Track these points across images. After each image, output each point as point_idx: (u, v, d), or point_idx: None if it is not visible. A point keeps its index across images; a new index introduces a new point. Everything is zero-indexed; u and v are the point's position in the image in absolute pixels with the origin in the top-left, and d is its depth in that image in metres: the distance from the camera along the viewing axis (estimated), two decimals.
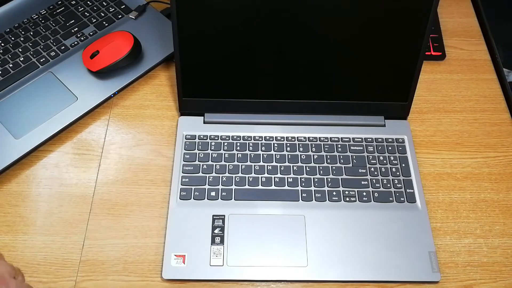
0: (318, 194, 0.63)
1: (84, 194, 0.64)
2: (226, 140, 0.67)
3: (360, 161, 0.66)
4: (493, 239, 0.62)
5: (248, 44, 0.64)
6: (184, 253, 0.58)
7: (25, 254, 0.59)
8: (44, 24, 0.78)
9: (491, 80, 0.78)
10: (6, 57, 0.73)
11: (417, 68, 0.66)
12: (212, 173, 0.64)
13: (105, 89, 0.71)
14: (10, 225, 0.61)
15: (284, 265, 0.58)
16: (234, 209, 0.62)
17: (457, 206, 0.65)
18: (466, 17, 0.85)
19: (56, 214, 0.62)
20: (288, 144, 0.67)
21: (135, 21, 0.79)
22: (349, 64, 0.66)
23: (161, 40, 0.77)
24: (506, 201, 0.66)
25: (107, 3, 0.81)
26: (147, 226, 0.62)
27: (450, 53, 0.80)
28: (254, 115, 0.70)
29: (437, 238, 0.62)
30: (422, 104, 0.74)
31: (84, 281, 0.57)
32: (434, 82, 0.77)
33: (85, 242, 0.60)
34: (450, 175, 0.67)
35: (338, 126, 0.69)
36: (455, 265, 0.60)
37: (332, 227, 0.61)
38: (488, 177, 0.67)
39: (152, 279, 0.58)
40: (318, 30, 0.63)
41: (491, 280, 0.59)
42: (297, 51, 0.65)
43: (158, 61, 0.75)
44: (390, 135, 0.69)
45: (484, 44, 0.82)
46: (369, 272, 0.58)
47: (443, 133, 0.72)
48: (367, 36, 0.64)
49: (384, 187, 0.64)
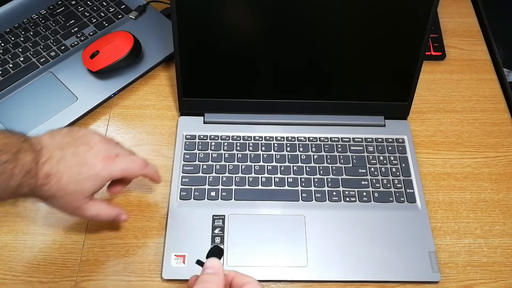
0: (318, 194, 0.63)
1: None
2: (226, 140, 0.67)
3: (360, 161, 0.66)
4: (493, 239, 0.62)
5: (248, 44, 0.64)
6: (184, 253, 0.58)
7: (25, 254, 0.59)
8: (44, 24, 0.78)
9: (491, 80, 0.78)
10: (6, 57, 0.73)
11: (417, 68, 0.66)
12: (212, 173, 0.64)
13: (105, 89, 0.71)
14: (10, 225, 0.61)
15: (284, 265, 0.58)
16: (234, 209, 0.62)
17: (457, 206, 0.65)
18: (466, 17, 0.85)
19: (56, 214, 0.62)
20: (288, 144, 0.67)
21: (135, 21, 0.79)
22: (349, 64, 0.66)
23: (161, 40, 0.77)
24: (506, 201, 0.66)
25: (107, 3, 0.81)
26: (147, 226, 0.62)
27: (450, 53, 0.80)
28: (254, 115, 0.70)
29: (437, 238, 0.62)
30: (422, 104, 0.74)
31: (84, 281, 0.57)
32: (434, 82, 0.77)
33: (85, 242, 0.60)
34: (450, 175, 0.67)
35: (338, 126, 0.69)
36: (455, 265, 0.60)
37: (332, 227, 0.61)
38: (488, 177, 0.67)
39: (152, 279, 0.58)
40: (318, 30, 0.63)
41: (491, 280, 0.59)
42: (297, 51, 0.65)
43: (158, 61, 0.75)
44: (390, 135, 0.69)
45: (484, 44, 0.82)
46: (369, 272, 0.58)
47: (443, 133, 0.72)
48: (367, 36, 0.64)
49: (384, 187, 0.64)
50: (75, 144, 0.50)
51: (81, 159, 0.49)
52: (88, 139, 0.51)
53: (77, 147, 0.49)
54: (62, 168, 0.48)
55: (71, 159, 0.48)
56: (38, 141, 0.48)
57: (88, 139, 0.51)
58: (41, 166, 0.47)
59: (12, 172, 0.44)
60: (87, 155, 0.49)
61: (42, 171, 0.47)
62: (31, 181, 0.46)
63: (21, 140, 0.46)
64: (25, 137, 0.47)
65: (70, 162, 0.48)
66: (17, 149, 0.45)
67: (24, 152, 0.45)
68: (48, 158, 0.47)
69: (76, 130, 0.52)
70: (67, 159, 0.48)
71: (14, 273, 0.57)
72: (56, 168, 0.47)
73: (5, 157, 0.44)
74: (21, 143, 0.46)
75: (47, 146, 0.48)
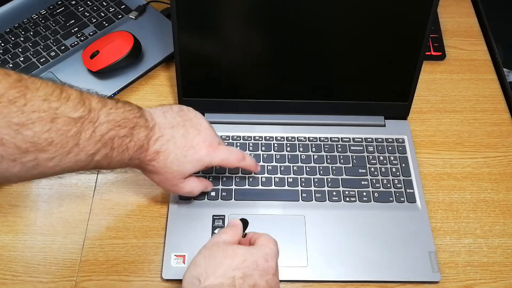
0: (318, 194, 0.63)
1: (84, 194, 0.64)
2: (226, 140, 0.67)
3: (360, 161, 0.66)
4: (493, 239, 0.62)
5: (248, 44, 0.64)
6: (184, 253, 0.58)
7: (25, 254, 0.59)
8: (44, 24, 0.78)
9: (491, 80, 0.78)
10: (6, 57, 0.73)
11: (417, 68, 0.66)
12: (212, 173, 0.64)
13: (105, 89, 0.71)
14: (10, 225, 0.61)
15: (284, 265, 0.58)
16: (234, 209, 0.62)
17: (457, 206, 0.65)
18: (466, 17, 0.85)
19: (56, 214, 0.62)
20: (288, 144, 0.67)
21: (135, 21, 0.79)
22: (349, 64, 0.66)
23: (161, 40, 0.77)
24: (506, 201, 0.65)
25: (107, 3, 0.81)
26: (147, 226, 0.62)
27: (450, 53, 0.80)
28: (254, 115, 0.70)
29: (437, 238, 0.62)
30: (422, 104, 0.74)
31: (84, 281, 0.57)
32: (434, 82, 0.77)
33: (85, 242, 0.60)
34: (450, 175, 0.67)
35: (338, 126, 0.69)
36: (455, 265, 0.60)
37: (332, 227, 0.61)
38: (488, 177, 0.67)
39: (152, 279, 0.58)
40: (318, 30, 0.63)
41: (491, 280, 0.59)
42: (297, 51, 0.65)
43: (158, 61, 0.75)
44: (390, 135, 0.69)
45: (484, 44, 0.82)
46: (369, 272, 0.58)
47: (443, 133, 0.72)
48: (367, 36, 0.64)
49: (384, 187, 0.64)
50: (185, 125, 0.53)
51: (189, 142, 0.52)
52: (197, 123, 0.54)
53: (187, 129, 0.53)
54: (171, 147, 0.51)
55: (181, 140, 0.52)
56: (152, 117, 0.51)
57: (197, 122, 0.54)
58: (153, 142, 0.50)
59: (127, 146, 0.47)
60: (195, 139, 0.53)
61: (152, 148, 0.50)
62: (142, 155, 0.50)
63: (138, 116, 0.49)
64: (141, 111, 0.50)
65: (179, 143, 0.52)
66: (134, 124, 0.48)
67: (139, 128, 0.48)
68: (159, 136, 0.50)
69: (185, 111, 0.55)
70: (176, 140, 0.51)
71: (14, 273, 0.57)
72: (166, 146, 0.51)
73: (123, 132, 0.47)
74: (138, 119, 0.48)
75: (159, 124, 0.51)
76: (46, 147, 0.41)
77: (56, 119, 0.41)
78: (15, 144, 0.39)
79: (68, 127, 0.42)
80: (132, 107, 0.49)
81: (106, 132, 0.45)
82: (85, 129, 0.43)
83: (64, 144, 0.42)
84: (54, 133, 0.41)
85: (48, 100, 0.41)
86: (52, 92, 0.41)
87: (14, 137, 0.39)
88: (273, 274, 0.47)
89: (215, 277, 0.44)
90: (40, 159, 0.41)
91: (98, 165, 0.47)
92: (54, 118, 0.41)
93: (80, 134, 0.43)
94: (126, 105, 0.48)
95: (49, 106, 0.41)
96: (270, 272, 0.47)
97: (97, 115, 0.44)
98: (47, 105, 0.41)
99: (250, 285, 0.45)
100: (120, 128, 0.46)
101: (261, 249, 0.48)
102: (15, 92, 0.39)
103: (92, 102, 0.45)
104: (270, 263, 0.47)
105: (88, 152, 0.44)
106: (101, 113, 0.45)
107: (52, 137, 0.41)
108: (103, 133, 0.45)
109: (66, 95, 0.42)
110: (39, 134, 0.40)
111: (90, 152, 0.45)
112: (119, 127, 0.46)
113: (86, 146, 0.44)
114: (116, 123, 0.46)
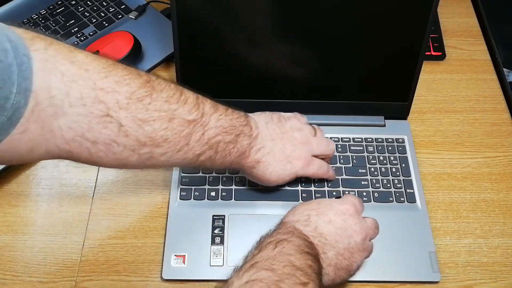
0: (318, 194, 0.63)
1: (84, 194, 0.64)
2: None
3: (360, 161, 0.66)
4: (493, 239, 0.62)
5: (248, 45, 0.64)
6: (184, 253, 0.58)
7: (25, 254, 0.59)
8: (44, 24, 0.78)
9: (491, 80, 0.78)
10: None
11: (417, 68, 0.66)
12: (212, 173, 0.64)
13: None
14: (10, 225, 0.61)
15: None
16: (234, 209, 0.62)
17: (457, 206, 0.65)
18: (466, 17, 0.85)
19: (56, 214, 0.62)
20: None
21: (135, 21, 0.79)
22: (349, 64, 0.66)
23: (161, 40, 0.77)
24: (506, 201, 0.65)
25: (107, 3, 0.81)
26: (147, 226, 0.62)
27: (450, 53, 0.80)
28: None
29: (437, 238, 0.62)
30: (422, 104, 0.74)
31: (84, 281, 0.57)
32: (434, 82, 0.77)
33: (85, 242, 0.60)
34: (450, 175, 0.67)
35: (338, 126, 0.69)
36: (455, 265, 0.60)
37: None
38: (488, 177, 0.67)
39: (152, 279, 0.58)
40: (318, 30, 0.63)
41: (491, 280, 0.59)
42: (297, 52, 0.65)
43: (158, 61, 0.75)
44: (390, 135, 0.69)
45: (484, 44, 0.82)
46: (369, 272, 0.58)
47: (443, 133, 0.72)
48: (367, 36, 0.64)
49: (384, 187, 0.64)
50: (283, 139, 0.57)
51: (287, 157, 0.56)
52: (293, 137, 0.58)
53: (284, 144, 0.57)
54: (271, 160, 0.55)
55: (279, 154, 0.56)
56: (256, 125, 0.55)
57: (293, 136, 0.58)
58: (254, 152, 0.54)
59: (230, 151, 0.51)
60: (293, 155, 0.57)
61: (253, 156, 0.54)
62: (242, 161, 0.54)
63: (244, 124, 0.53)
64: (247, 120, 0.54)
65: (278, 157, 0.56)
66: (239, 132, 0.52)
67: (243, 135, 0.52)
68: (261, 147, 0.55)
69: (283, 121, 0.58)
70: (275, 153, 0.56)
71: (14, 273, 0.57)
72: (266, 158, 0.55)
73: (229, 138, 0.51)
74: (243, 127, 0.52)
75: (261, 134, 0.55)
76: (161, 143, 0.45)
77: (173, 119, 0.45)
78: (137, 137, 0.43)
79: (182, 127, 0.46)
80: (240, 114, 0.53)
81: (213, 136, 0.49)
82: (196, 131, 0.47)
83: (176, 143, 0.46)
84: (169, 131, 0.45)
85: (169, 101, 0.45)
86: (173, 95, 0.46)
87: (136, 130, 0.43)
88: (350, 215, 0.51)
89: (293, 215, 0.52)
90: (154, 152, 0.46)
91: (201, 164, 0.51)
92: (171, 118, 0.45)
93: (191, 135, 0.47)
94: (235, 113, 0.52)
95: (169, 107, 0.45)
96: (345, 213, 0.51)
97: (208, 119, 0.48)
98: (168, 106, 0.45)
99: (325, 221, 0.50)
100: (226, 134, 0.50)
101: (339, 199, 0.54)
102: (143, 92, 0.43)
103: (205, 106, 0.49)
104: (346, 206, 0.52)
105: (195, 152, 0.48)
106: (212, 118, 0.49)
107: (167, 134, 0.45)
108: (210, 137, 0.49)
109: (184, 98, 0.47)
110: (157, 131, 0.44)
111: (197, 153, 0.49)
112: (226, 133, 0.50)
113: (195, 146, 0.48)
114: (224, 129, 0.50)
